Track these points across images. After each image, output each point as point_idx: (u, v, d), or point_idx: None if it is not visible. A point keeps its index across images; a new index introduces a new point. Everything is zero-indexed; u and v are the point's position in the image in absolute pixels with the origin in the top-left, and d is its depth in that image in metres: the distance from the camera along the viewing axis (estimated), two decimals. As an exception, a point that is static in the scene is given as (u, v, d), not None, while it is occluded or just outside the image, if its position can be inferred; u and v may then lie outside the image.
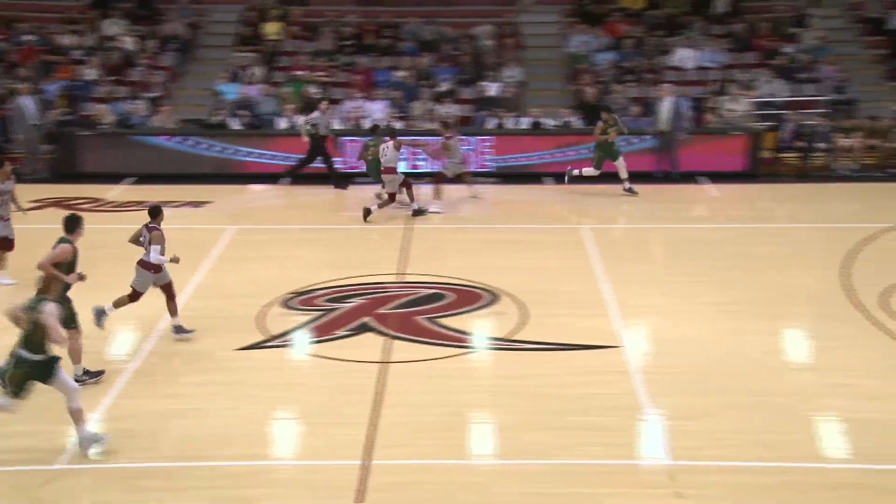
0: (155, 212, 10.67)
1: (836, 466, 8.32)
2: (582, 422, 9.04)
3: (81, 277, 9.54)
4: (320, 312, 11.71)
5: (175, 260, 10.63)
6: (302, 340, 11.06)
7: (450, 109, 19.49)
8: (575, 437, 8.74)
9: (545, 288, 12.49)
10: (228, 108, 19.55)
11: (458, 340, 10.99)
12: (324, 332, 11.16)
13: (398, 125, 18.16)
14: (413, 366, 10.25)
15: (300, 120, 18.28)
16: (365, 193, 16.90)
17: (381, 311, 11.74)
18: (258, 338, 11.02)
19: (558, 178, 17.57)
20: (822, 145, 18.18)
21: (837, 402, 9.43)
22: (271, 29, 22.19)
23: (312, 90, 19.85)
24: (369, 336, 11.09)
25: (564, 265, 13.51)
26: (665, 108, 17.95)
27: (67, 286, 9.43)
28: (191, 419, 9.11)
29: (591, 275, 12.98)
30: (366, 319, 11.45)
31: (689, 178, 17.86)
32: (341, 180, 17.99)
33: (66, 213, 10.21)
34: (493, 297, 12.20)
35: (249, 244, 14.49)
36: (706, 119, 18.89)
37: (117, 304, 10.70)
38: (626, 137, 17.70)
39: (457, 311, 11.77)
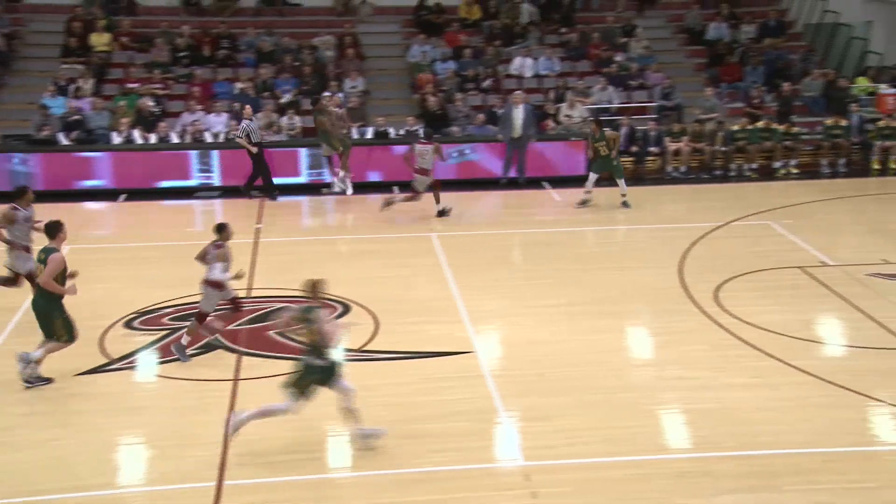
0: (220, 228, 10.56)
1: (678, 456, 8.71)
2: (437, 428, 9.11)
3: (74, 291, 9.80)
4: (166, 332, 11.33)
5: (240, 276, 10.61)
6: (147, 361, 10.66)
7: (293, 121, 19.30)
8: (430, 444, 8.80)
9: (396, 297, 12.53)
10: (56, 123, 18.63)
11: (310, 354, 10.86)
12: (170, 352, 10.79)
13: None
14: (265, 382, 10.06)
15: (237, 133, 17.66)
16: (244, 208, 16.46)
17: (231, 327, 11.47)
18: (100, 361, 10.55)
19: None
20: (653, 149, 19.05)
21: (677, 395, 9.89)
22: (99, 40, 21.34)
23: (149, 103, 19.20)
24: (218, 353, 10.82)
25: (415, 273, 13.59)
26: (518, 115, 18.41)
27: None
28: (26, 451, 8.62)
29: (442, 282, 13.11)
30: (214, 336, 11.15)
31: (533, 183, 18.34)
32: (271, 190, 17.62)
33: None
34: (344, 308, 12.14)
35: (87, 264, 13.83)
36: (546, 125, 19.46)
37: (189, 332, 10.64)
38: (471, 145, 18.05)
39: (308, 325, 11.63)
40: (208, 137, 18.75)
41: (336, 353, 8.61)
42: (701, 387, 10.02)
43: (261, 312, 11.97)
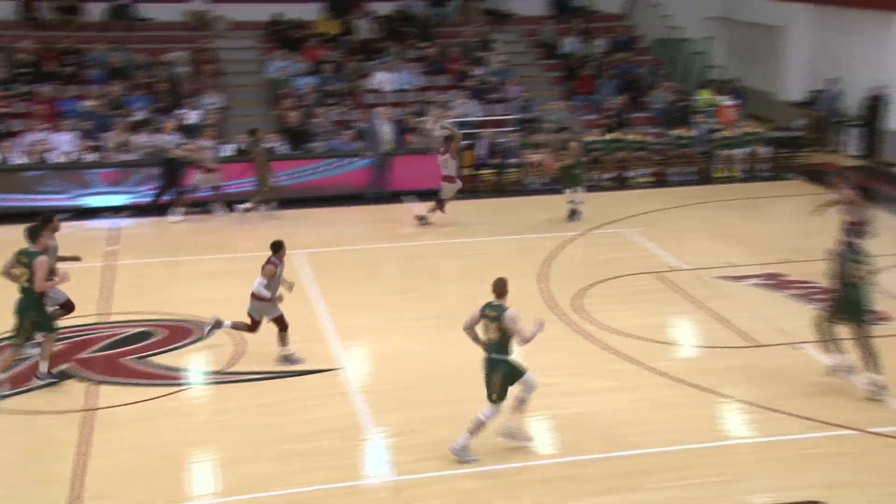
0: (276, 246, 10.81)
1: (545, 463, 8.87)
2: (305, 448, 8.97)
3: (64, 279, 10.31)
4: (13, 363, 10.73)
5: (281, 296, 10.75)
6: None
7: (151, 140, 18.65)
8: (299, 464, 8.65)
9: (259, 316, 12.29)
10: None
11: (170, 378, 10.53)
12: (17, 384, 10.22)
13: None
14: (122, 410, 9.67)
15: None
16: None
17: (83, 355, 10.98)
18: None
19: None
20: (514, 161, 19.41)
21: (543, 402, 10.02)
22: (-70, 55, 20.12)
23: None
24: (71, 383, 10.33)
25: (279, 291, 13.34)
26: (384, 129, 18.41)
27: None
28: None
29: (306, 299, 12.94)
30: (65, 366, 10.65)
31: (396, 197, 18.37)
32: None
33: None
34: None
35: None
36: (409, 139, 19.55)
37: (236, 326, 11.03)
38: (339, 160, 18.04)
39: (168, 349, 11.27)
40: (56, 157, 17.93)
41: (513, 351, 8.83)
42: (565, 392, 10.23)
43: (116, 338, 11.51)
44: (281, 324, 10.85)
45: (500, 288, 9.00)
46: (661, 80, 22.57)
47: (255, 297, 10.72)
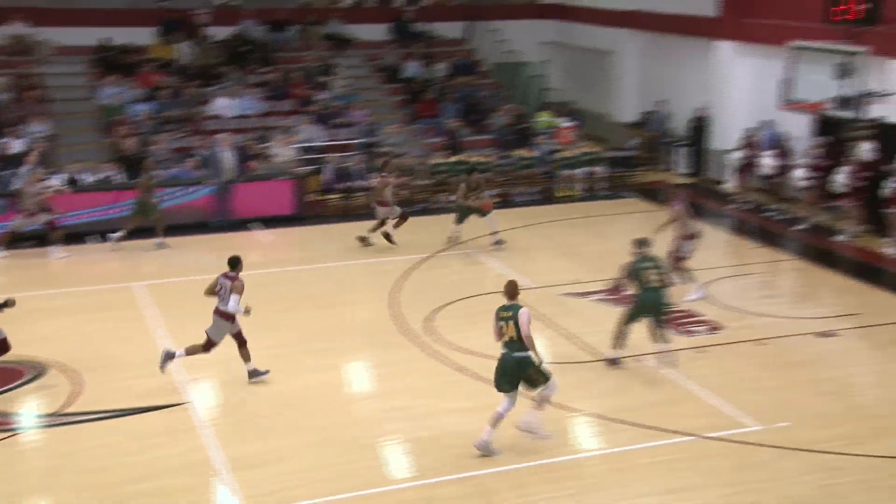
0: (234, 262, 10.78)
1: (400, 486, 8.80)
2: (152, 488, 8.56)
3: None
4: None
5: (248, 311, 10.58)
6: None
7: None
8: (144, 507, 8.25)
9: (99, 352, 11.71)
10: None
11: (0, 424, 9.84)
12: None
13: None
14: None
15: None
16: None
17: None
18: None
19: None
20: (360, 185, 19.34)
21: (398, 425, 10.00)
22: None
23: None
24: None
25: (118, 326, 12.78)
26: (227, 156, 17.95)
27: None
28: None
29: (146, 333, 12.42)
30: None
31: (241, 224, 17.95)
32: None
33: None
34: (39, 369, 11.14)
35: None
36: (252, 166, 19.17)
37: (190, 351, 10.76)
38: (175, 188, 17.51)
39: (-3, 392, 10.54)
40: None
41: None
42: (420, 415, 10.21)
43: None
44: (241, 339, 10.90)
45: (512, 290, 9.54)
46: (502, 103, 23.10)
47: (224, 316, 10.70)
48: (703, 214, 16.91)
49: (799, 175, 17.25)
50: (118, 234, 16.45)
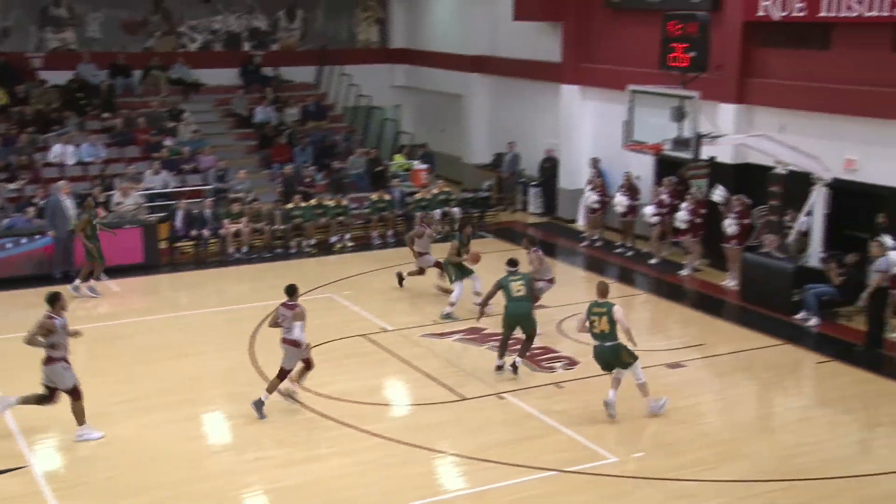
0: (291, 290, 11.18)
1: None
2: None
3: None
4: None
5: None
6: None
7: None
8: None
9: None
10: None
11: None
12: None
13: None
14: None
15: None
16: None
17: None
18: None
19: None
20: (212, 232, 18.90)
21: (260, 476, 9.74)
22: None
23: None
24: None
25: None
26: (67, 205, 17.14)
27: None
28: None
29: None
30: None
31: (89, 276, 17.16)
32: None
33: None
34: None
35: None
36: (97, 214, 18.40)
37: (270, 388, 11.08)
38: (14, 238, 16.61)
39: None
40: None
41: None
42: (282, 464, 9.99)
43: None
44: (310, 364, 11.35)
45: (604, 289, 11.21)
46: (356, 147, 23.16)
47: (293, 344, 11.04)
48: (555, 253, 17.39)
49: (647, 212, 18.00)
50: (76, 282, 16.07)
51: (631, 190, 18.82)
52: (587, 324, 11.08)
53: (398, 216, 20.50)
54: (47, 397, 10.49)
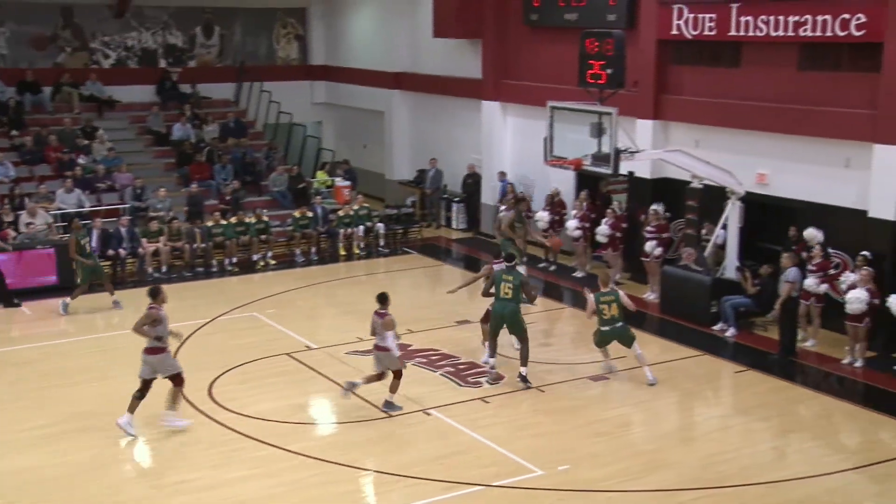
0: (383, 298, 11.54)
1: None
2: None
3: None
4: None
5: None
6: None
7: None
8: None
9: None
10: None
11: None
12: None
13: None
14: None
15: None
16: None
17: None
18: None
19: None
20: (129, 251, 18.44)
21: (181, 499, 9.51)
22: None
23: None
24: None
25: None
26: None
27: None
28: None
29: None
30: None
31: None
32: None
33: None
34: None
35: None
36: (6, 235, 17.81)
37: (367, 379, 11.68)
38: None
39: None
40: None
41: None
42: (204, 487, 9.79)
43: None
44: (400, 371, 11.68)
45: (606, 277, 13.03)
46: (278, 164, 22.93)
47: (385, 350, 11.56)
48: (479, 268, 17.40)
49: (571, 226, 18.21)
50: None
51: (554, 206, 19.01)
52: (595, 312, 12.74)
53: (321, 233, 20.34)
54: (143, 390, 11.06)
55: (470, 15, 21.36)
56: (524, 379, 12.59)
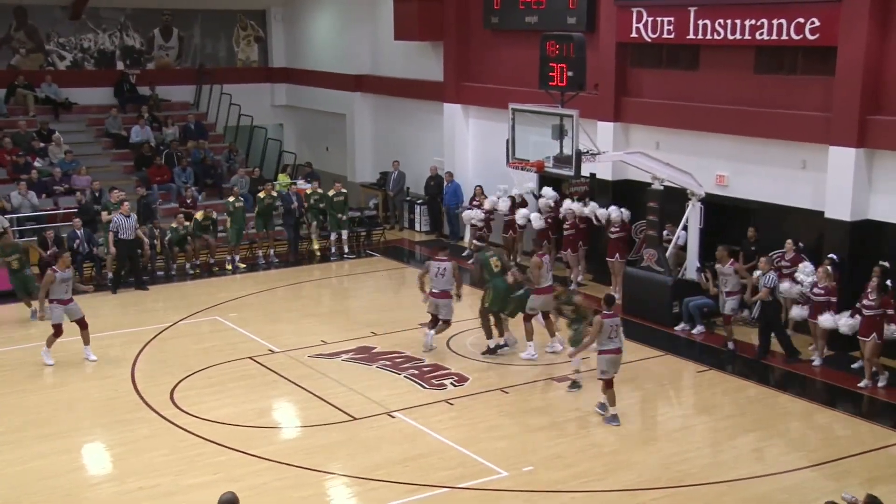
0: (610, 300, 11.86)
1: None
2: None
3: None
4: None
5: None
6: None
7: None
8: None
9: None
10: None
11: None
12: None
13: None
14: None
15: None
16: None
17: None
18: None
19: None
20: (84, 255, 18.13)
21: (141, 508, 9.39)
22: None
23: None
24: None
25: None
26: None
27: None
28: None
29: None
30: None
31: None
32: None
33: None
34: None
35: None
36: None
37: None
38: None
39: None
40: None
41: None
42: (165, 493, 9.69)
43: None
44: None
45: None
46: (239, 166, 22.75)
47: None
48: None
49: (534, 219, 18.21)
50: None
51: (516, 205, 19.05)
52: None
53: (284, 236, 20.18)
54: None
55: (431, 18, 21.36)
56: (498, 348, 13.78)
